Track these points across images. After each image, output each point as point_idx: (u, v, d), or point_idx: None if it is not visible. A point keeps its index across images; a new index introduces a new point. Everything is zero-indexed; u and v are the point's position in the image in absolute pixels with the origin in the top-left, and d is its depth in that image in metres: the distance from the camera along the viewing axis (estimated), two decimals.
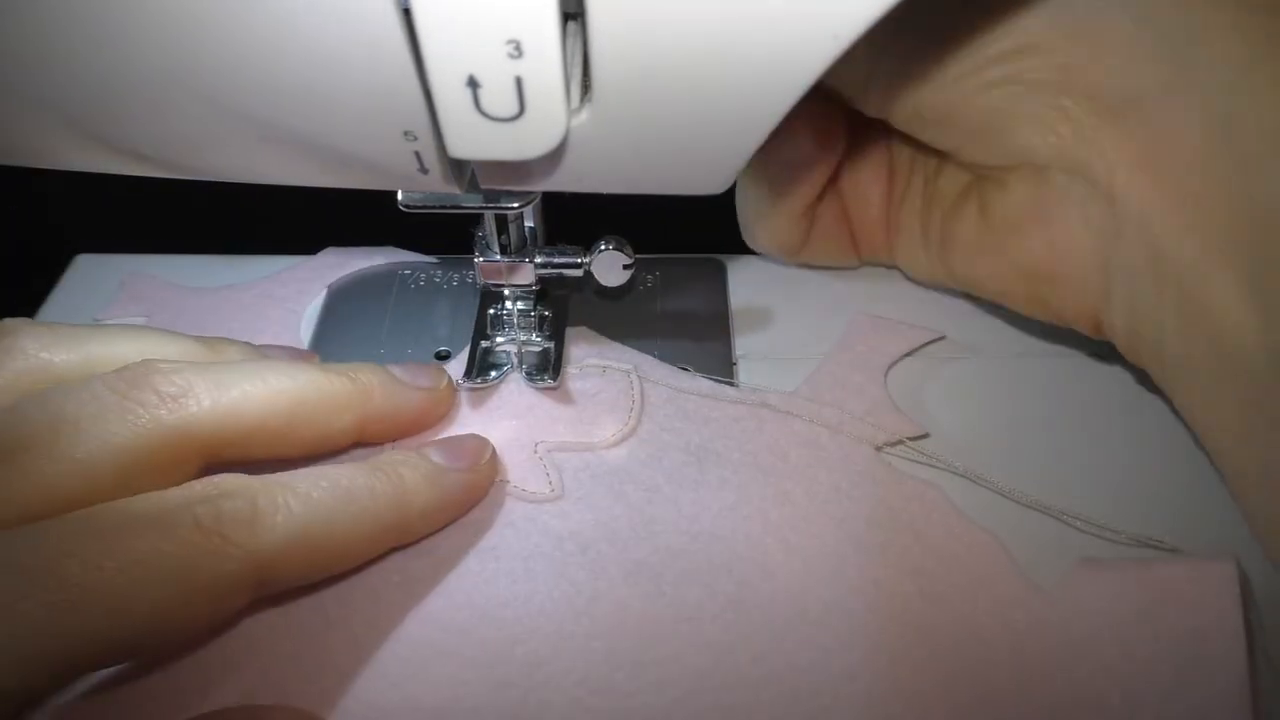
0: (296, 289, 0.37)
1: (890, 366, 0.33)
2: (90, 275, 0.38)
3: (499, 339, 0.33)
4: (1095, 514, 0.29)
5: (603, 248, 0.30)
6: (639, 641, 0.26)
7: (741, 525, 0.28)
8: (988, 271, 0.31)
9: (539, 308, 0.33)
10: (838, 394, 0.32)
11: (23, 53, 0.21)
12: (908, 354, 0.34)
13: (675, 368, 0.33)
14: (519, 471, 0.30)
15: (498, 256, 0.31)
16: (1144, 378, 0.31)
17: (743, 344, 0.35)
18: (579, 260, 0.31)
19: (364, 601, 0.26)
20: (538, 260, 0.31)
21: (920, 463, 0.30)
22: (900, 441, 0.31)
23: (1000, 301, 0.32)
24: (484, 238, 0.31)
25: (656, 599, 0.27)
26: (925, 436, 0.31)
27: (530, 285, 0.32)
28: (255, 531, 0.23)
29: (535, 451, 0.30)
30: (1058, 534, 0.29)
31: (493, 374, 0.32)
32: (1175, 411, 0.30)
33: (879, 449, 0.30)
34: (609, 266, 0.30)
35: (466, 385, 0.31)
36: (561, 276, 0.31)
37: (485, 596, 0.27)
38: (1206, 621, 0.25)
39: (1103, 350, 0.34)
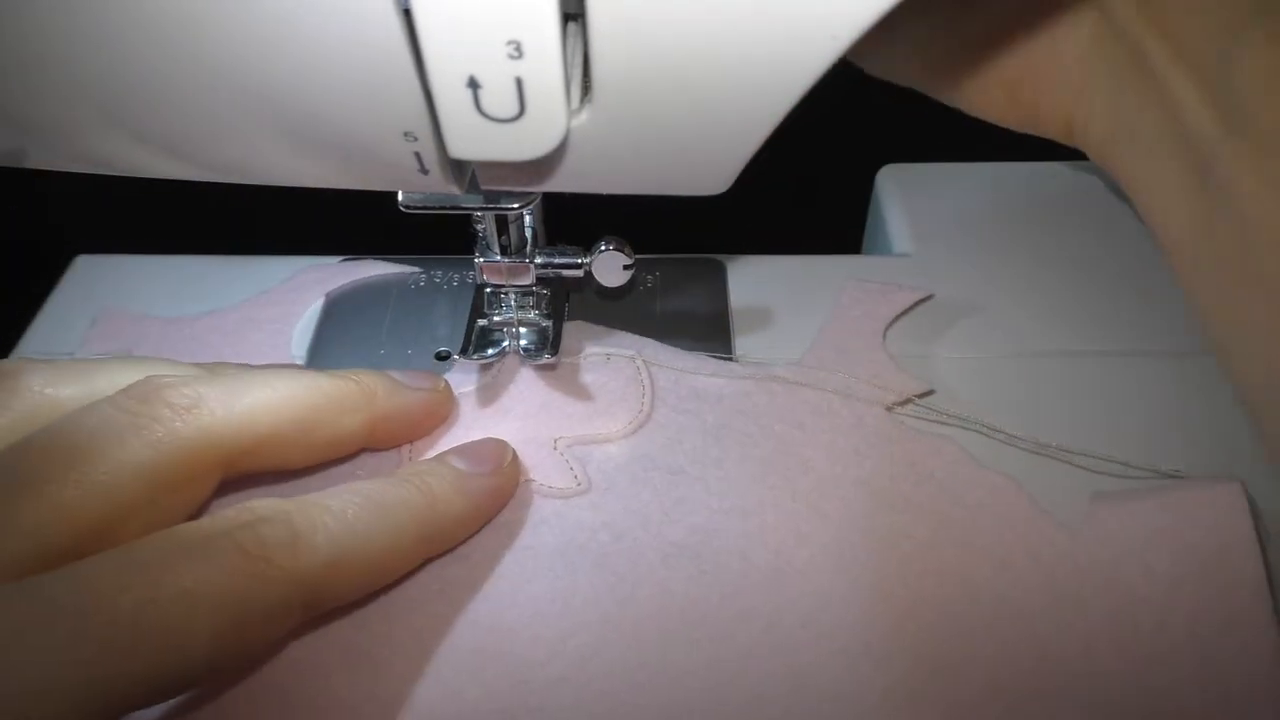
0: (281, 310, 0.36)
1: (886, 329, 0.34)
2: (90, 276, 0.38)
3: (496, 318, 0.33)
4: (1090, 439, 0.30)
5: (603, 248, 0.30)
6: (687, 621, 0.26)
7: (769, 496, 0.29)
8: (969, 74, 0.31)
9: (536, 284, 0.33)
10: (841, 360, 0.32)
11: (23, 52, 0.21)
12: (900, 315, 0.35)
13: (676, 348, 0.33)
14: (542, 469, 0.30)
15: (498, 257, 0.31)
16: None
17: (743, 344, 0.35)
18: (579, 261, 0.31)
19: (408, 613, 0.26)
20: (538, 261, 0.31)
21: (930, 419, 0.31)
22: (909, 400, 0.31)
23: (971, 110, 0.32)
24: (484, 238, 0.31)
25: (698, 578, 0.27)
26: (931, 393, 0.32)
27: (530, 286, 0.32)
28: (298, 553, 0.22)
29: (555, 448, 0.30)
30: (1067, 477, 0.30)
31: (490, 351, 0.32)
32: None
33: (889, 409, 0.31)
34: (609, 267, 0.31)
35: (463, 361, 0.31)
36: (561, 277, 0.31)
37: (529, 595, 0.27)
38: (1223, 539, 0.27)
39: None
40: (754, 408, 0.31)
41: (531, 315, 0.33)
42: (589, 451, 0.30)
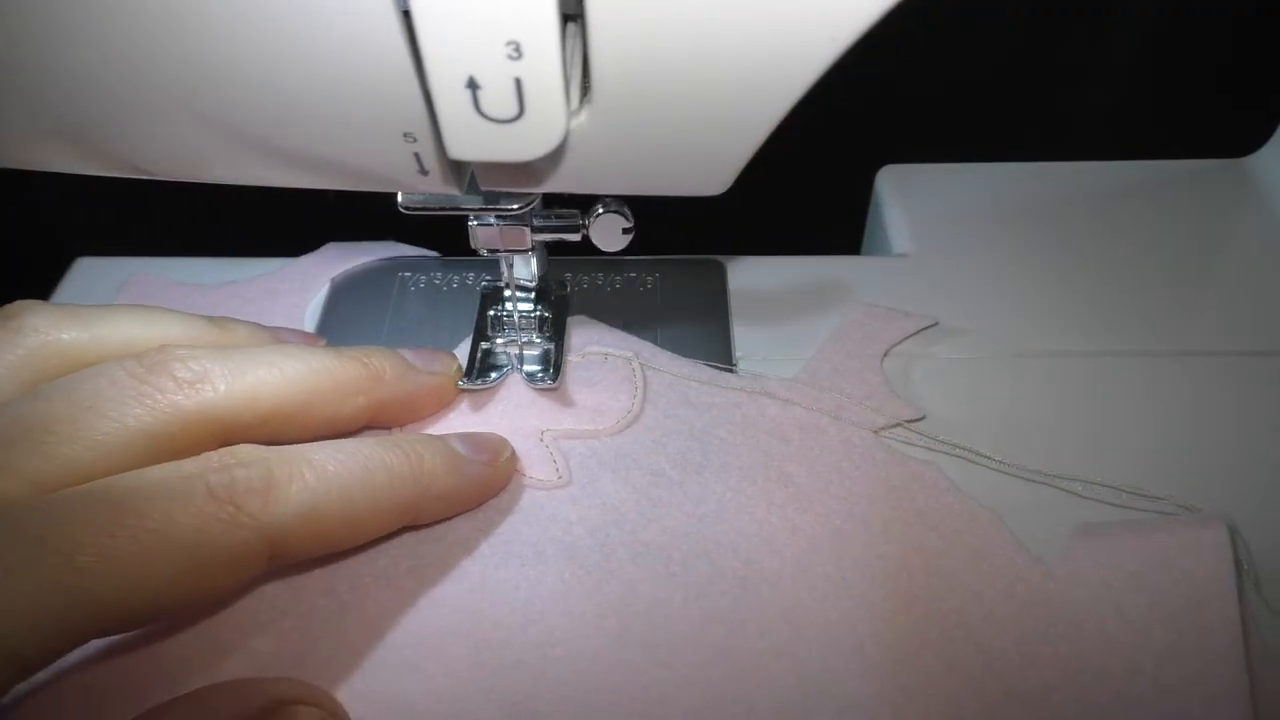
0: (299, 284, 0.37)
1: (886, 353, 0.34)
2: (91, 277, 0.38)
3: (499, 340, 0.33)
4: (1081, 469, 0.30)
5: (600, 211, 0.29)
6: (650, 621, 0.26)
7: (746, 505, 0.29)
8: None
9: (539, 308, 0.33)
10: (836, 380, 0.32)
11: (20, 59, 0.21)
12: (902, 340, 0.34)
13: (674, 354, 0.33)
14: (526, 459, 0.30)
15: (493, 220, 0.29)
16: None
17: (743, 344, 0.35)
18: (578, 223, 0.30)
19: (376, 585, 0.27)
20: (535, 224, 0.30)
21: (919, 445, 0.31)
22: (899, 424, 0.31)
23: None
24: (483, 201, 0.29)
25: (666, 578, 0.27)
26: (922, 419, 0.32)
27: (528, 249, 0.30)
28: (269, 502, 0.23)
29: (541, 439, 0.30)
30: (1055, 507, 0.29)
31: (493, 375, 0.32)
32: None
33: (878, 432, 0.31)
34: (608, 230, 0.30)
35: (466, 386, 0.31)
36: (561, 240, 0.30)
37: (497, 580, 0.27)
38: (1201, 588, 0.26)
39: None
40: (743, 418, 0.31)
41: (534, 339, 0.33)
42: (574, 446, 0.31)
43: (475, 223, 0.29)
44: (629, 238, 0.30)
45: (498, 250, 0.30)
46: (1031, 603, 0.27)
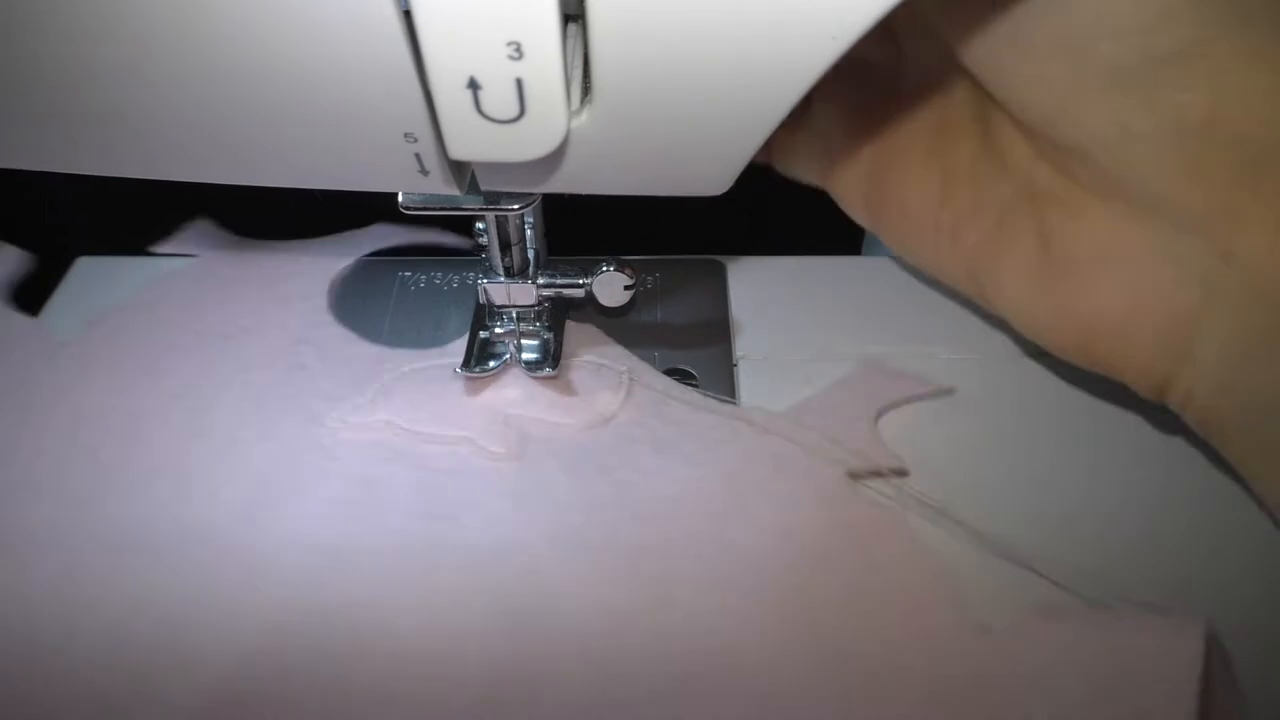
0: (322, 264, 0.38)
1: (886, 408, 0.32)
2: (91, 277, 0.38)
3: (498, 329, 0.33)
4: (1069, 559, 0.27)
5: (604, 269, 0.31)
6: (541, 603, 0.27)
7: (683, 513, 0.29)
8: (1032, 308, 0.28)
9: (538, 303, 0.33)
10: (824, 420, 0.31)
11: (21, 59, 0.21)
12: (906, 401, 0.32)
13: (671, 378, 0.33)
14: (483, 431, 0.31)
15: (501, 278, 0.31)
16: (1137, 435, 0.31)
17: (743, 345, 0.35)
18: (580, 281, 0.31)
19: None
20: (540, 281, 0.31)
21: (893, 498, 0.29)
22: (876, 473, 0.30)
23: (1033, 338, 0.29)
24: (487, 260, 0.31)
25: (568, 561, 0.28)
26: (905, 475, 0.30)
27: (532, 306, 0.32)
28: None
29: (505, 420, 0.31)
30: (1024, 579, 0.27)
31: (491, 364, 0.32)
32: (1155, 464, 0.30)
33: (852, 475, 0.30)
34: (610, 287, 0.31)
35: (465, 375, 0.32)
36: (563, 296, 0.32)
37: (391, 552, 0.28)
38: (1155, 703, 0.24)
39: (1111, 395, 0.33)
40: (711, 436, 0.31)
41: (534, 328, 0.33)
42: (535, 430, 0.31)
43: (484, 281, 0.31)
44: (630, 294, 0.31)
45: (505, 306, 0.32)
46: (954, 671, 0.25)
